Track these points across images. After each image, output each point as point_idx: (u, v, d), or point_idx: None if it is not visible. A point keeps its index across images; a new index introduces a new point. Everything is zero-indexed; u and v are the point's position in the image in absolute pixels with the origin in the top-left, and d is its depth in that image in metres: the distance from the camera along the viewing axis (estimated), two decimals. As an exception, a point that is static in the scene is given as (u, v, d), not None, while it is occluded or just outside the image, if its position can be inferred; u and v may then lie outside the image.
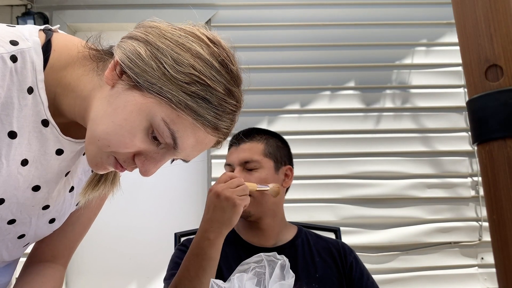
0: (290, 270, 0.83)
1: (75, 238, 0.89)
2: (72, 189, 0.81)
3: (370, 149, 2.65)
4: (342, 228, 1.53)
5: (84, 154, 0.79)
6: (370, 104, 2.71)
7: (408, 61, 2.78)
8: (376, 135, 2.67)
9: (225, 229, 1.00)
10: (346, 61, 2.75)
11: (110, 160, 0.65)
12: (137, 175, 0.75)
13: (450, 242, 2.59)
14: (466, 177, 2.65)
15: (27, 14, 2.63)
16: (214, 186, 1.02)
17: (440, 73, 2.75)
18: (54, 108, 0.68)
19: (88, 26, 2.70)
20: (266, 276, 0.84)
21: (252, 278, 0.81)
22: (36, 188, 0.73)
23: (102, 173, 0.71)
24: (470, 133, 1.09)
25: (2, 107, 0.62)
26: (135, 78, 0.61)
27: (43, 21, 2.66)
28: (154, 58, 0.61)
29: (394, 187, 2.61)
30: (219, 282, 0.78)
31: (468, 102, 0.61)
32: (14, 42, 0.63)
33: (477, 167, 2.63)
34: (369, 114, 2.70)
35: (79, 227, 0.89)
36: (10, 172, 0.67)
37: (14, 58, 0.62)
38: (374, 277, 1.25)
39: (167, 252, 1.32)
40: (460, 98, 2.71)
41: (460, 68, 2.72)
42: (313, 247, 1.24)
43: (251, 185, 1.09)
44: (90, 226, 0.92)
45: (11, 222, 0.74)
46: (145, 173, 0.66)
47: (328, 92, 2.72)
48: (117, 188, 0.81)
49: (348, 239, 1.69)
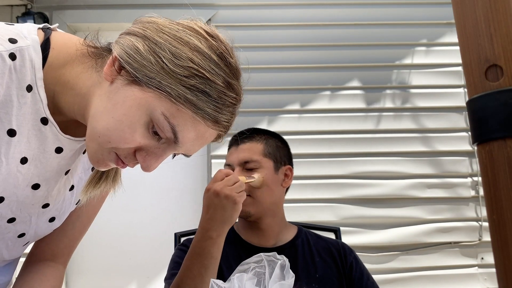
0: (290, 270, 0.83)
1: (75, 237, 0.89)
2: (72, 187, 0.81)
3: (370, 149, 2.65)
4: (342, 228, 1.53)
5: (84, 153, 0.79)
6: (370, 104, 2.71)
7: (408, 61, 2.78)
8: (376, 135, 2.67)
9: (226, 227, 1.00)
10: (346, 61, 2.75)
11: (111, 156, 0.65)
12: (137, 175, 0.75)
13: (450, 242, 2.59)
14: (466, 177, 2.65)
15: (27, 14, 2.63)
16: (212, 185, 1.02)
17: (440, 73, 2.75)
18: (54, 106, 0.68)
19: (88, 26, 2.70)
20: (266, 276, 0.84)
21: (252, 278, 0.81)
22: (35, 186, 0.73)
23: (103, 170, 0.71)
24: (470, 133, 1.09)
25: (1, 105, 0.62)
26: (134, 73, 0.61)
27: (43, 21, 2.65)
28: (153, 52, 0.61)
29: (394, 187, 2.61)
30: (219, 282, 0.78)
31: (468, 102, 0.61)
32: (12, 40, 0.62)
33: (477, 167, 2.63)
34: (369, 114, 2.70)
35: (79, 226, 0.89)
36: (10, 170, 0.67)
37: (13, 56, 0.62)
38: (374, 277, 1.25)
39: (167, 251, 1.32)
40: (460, 98, 2.71)
41: (460, 68, 2.72)
42: (313, 247, 1.24)
43: (241, 178, 1.09)
44: (90, 225, 0.91)
45: (11, 220, 0.74)
46: (146, 168, 0.66)
47: (328, 92, 2.72)
48: (118, 185, 0.81)
49: (348, 239, 1.69)
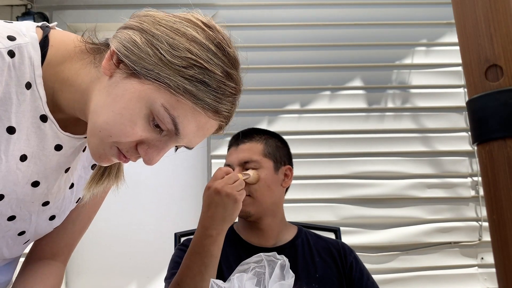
0: (290, 270, 0.83)
1: (75, 236, 0.89)
2: (72, 185, 0.81)
3: (370, 149, 2.65)
4: (342, 228, 1.53)
5: (84, 151, 0.79)
6: (370, 104, 2.71)
7: (408, 61, 2.78)
8: (376, 135, 2.67)
9: (226, 225, 1.00)
10: (346, 61, 2.75)
11: (113, 151, 0.65)
12: (138, 175, 0.75)
13: (450, 242, 2.59)
14: (466, 177, 2.65)
15: (27, 14, 2.64)
16: (212, 183, 1.02)
17: (440, 73, 2.75)
18: (53, 103, 0.68)
19: (87, 26, 2.69)
20: (266, 276, 0.84)
21: (252, 278, 0.81)
22: (35, 183, 0.72)
23: (105, 165, 0.71)
24: (470, 133, 1.09)
25: (0, 103, 0.62)
26: (132, 65, 0.61)
27: (43, 21, 2.65)
28: (150, 44, 0.61)
29: (394, 187, 2.61)
30: (219, 282, 0.78)
31: (468, 102, 0.61)
32: (11, 38, 0.62)
33: (477, 167, 2.63)
34: (369, 114, 2.70)
35: (79, 225, 0.88)
36: (9, 167, 0.67)
37: (11, 53, 0.62)
38: (374, 277, 1.25)
39: (167, 251, 1.32)
40: (460, 98, 2.71)
41: (460, 68, 2.72)
42: (313, 247, 1.24)
43: (239, 175, 1.09)
44: (90, 223, 0.91)
45: (11, 218, 0.74)
46: (148, 161, 0.66)
47: (328, 92, 2.71)
48: (121, 181, 0.81)
49: (348, 239, 1.69)
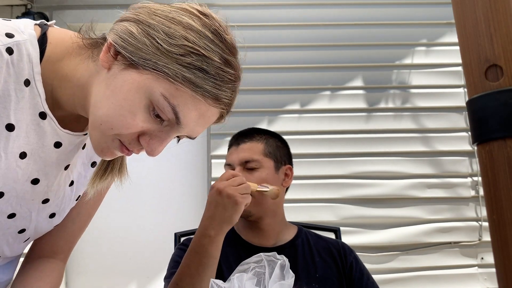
0: (290, 270, 0.83)
1: (75, 234, 0.89)
2: (72, 183, 0.81)
3: (370, 149, 2.65)
4: (342, 228, 1.53)
5: (83, 148, 0.79)
6: (370, 104, 2.71)
7: (408, 61, 2.78)
8: (376, 135, 2.67)
9: (225, 226, 1.00)
10: (346, 61, 2.74)
11: (115, 143, 0.65)
12: (137, 175, 0.75)
13: (450, 242, 2.59)
14: (466, 177, 2.65)
15: (27, 14, 2.64)
16: (216, 183, 1.02)
17: (440, 73, 2.75)
18: (53, 101, 0.68)
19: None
20: (266, 276, 0.84)
21: (252, 278, 0.81)
22: (35, 181, 0.73)
23: (108, 159, 0.71)
24: (470, 133, 1.09)
25: None
26: (130, 56, 0.61)
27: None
28: (146, 34, 0.62)
29: (394, 187, 2.61)
30: (219, 282, 0.78)
31: (468, 102, 0.61)
32: (9, 35, 0.63)
33: (477, 167, 2.63)
34: (369, 114, 2.70)
35: (79, 223, 0.88)
36: (9, 165, 0.67)
37: (10, 50, 0.62)
38: (374, 277, 1.25)
39: (167, 251, 1.32)
40: (460, 98, 2.71)
41: (460, 68, 2.72)
42: (313, 247, 1.24)
43: (252, 185, 1.09)
44: (90, 221, 0.91)
45: (11, 216, 0.74)
46: (151, 153, 0.66)
47: (328, 92, 2.71)
48: (124, 176, 0.81)
49: (348, 239, 1.69)
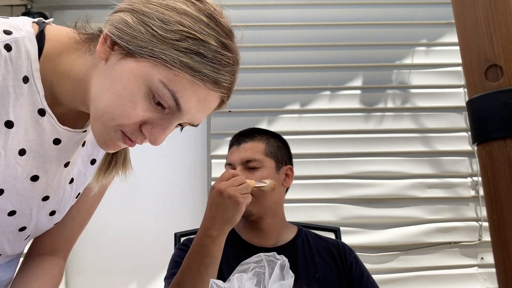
0: (290, 270, 0.83)
1: (75, 231, 0.89)
2: (72, 180, 0.81)
3: (370, 149, 2.65)
4: (342, 228, 1.53)
5: (83, 146, 0.79)
6: (370, 104, 2.71)
7: (408, 61, 2.77)
8: (376, 135, 2.67)
9: (227, 227, 1.00)
10: (346, 61, 2.74)
11: (118, 134, 0.65)
12: (138, 175, 0.75)
13: (450, 242, 2.59)
14: (466, 177, 2.65)
15: (27, 14, 2.63)
16: (216, 184, 1.02)
17: (440, 73, 2.75)
18: (52, 97, 0.68)
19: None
20: (265, 276, 0.84)
21: (251, 278, 0.81)
22: (34, 178, 0.73)
23: (112, 151, 0.71)
24: (470, 133, 1.09)
25: None
26: (126, 45, 0.61)
27: (43, 21, 2.65)
28: (142, 22, 0.62)
29: (394, 187, 2.61)
30: (219, 282, 0.78)
31: (468, 102, 0.61)
32: (7, 32, 0.63)
33: (477, 167, 2.63)
34: (369, 114, 2.70)
35: (79, 220, 0.89)
36: (8, 162, 0.67)
37: (8, 47, 0.62)
38: (374, 277, 1.25)
39: (167, 252, 1.32)
40: (460, 98, 2.71)
41: (460, 68, 2.72)
42: (313, 247, 1.24)
43: (250, 181, 1.09)
44: (90, 219, 0.92)
45: (12, 213, 0.74)
46: (154, 141, 0.66)
47: (328, 92, 2.71)
48: (129, 170, 0.81)
49: (348, 239, 1.69)
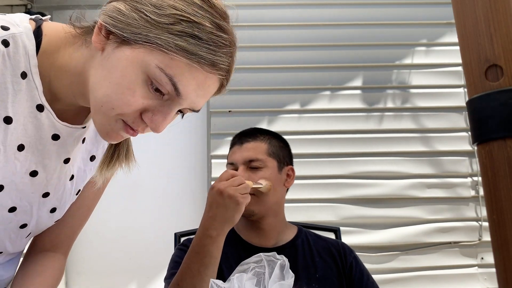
0: (290, 270, 0.83)
1: (75, 228, 0.90)
2: (72, 177, 0.81)
3: (370, 149, 2.65)
4: (342, 228, 1.53)
5: (83, 142, 0.79)
6: (370, 104, 2.71)
7: (408, 61, 2.77)
8: (376, 135, 2.67)
9: (227, 226, 1.00)
10: (346, 61, 2.74)
11: (119, 124, 0.65)
12: (138, 175, 0.75)
13: (450, 242, 2.59)
14: (466, 177, 2.65)
15: (27, 14, 2.64)
16: (216, 184, 1.02)
17: (440, 73, 2.75)
18: (51, 93, 0.69)
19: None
20: (265, 276, 0.84)
21: (251, 278, 0.81)
22: (33, 173, 0.73)
23: (114, 142, 0.71)
24: (470, 133, 1.09)
25: None
26: (121, 33, 0.62)
27: (43, 21, 2.66)
28: (134, 9, 0.62)
29: (394, 187, 2.61)
30: (219, 282, 0.78)
31: (468, 102, 0.61)
32: (5, 27, 0.63)
33: (477, 167, 2.63)
34: (369, 114, 2.70)
35: (79, 216, 0.89)
36: (7, 157, 0.67)
37: (5, 43, 0.62)
38: (374, 277, 1.25)
39: (167, 252, 1.32)
40: (460, 98, 2.71)
41: (460, 68, 2.72)
42: (313, 247, 1.24)
43: (248, 182, 1.09)
44: (90, 215, 0.92)
45: (12, 210, 0.74)
46: (155, 129, 0.66)
47: (328, 92, 2.71)
48: (132, 162, 0.81)
49: (348, 239, 1.69)
